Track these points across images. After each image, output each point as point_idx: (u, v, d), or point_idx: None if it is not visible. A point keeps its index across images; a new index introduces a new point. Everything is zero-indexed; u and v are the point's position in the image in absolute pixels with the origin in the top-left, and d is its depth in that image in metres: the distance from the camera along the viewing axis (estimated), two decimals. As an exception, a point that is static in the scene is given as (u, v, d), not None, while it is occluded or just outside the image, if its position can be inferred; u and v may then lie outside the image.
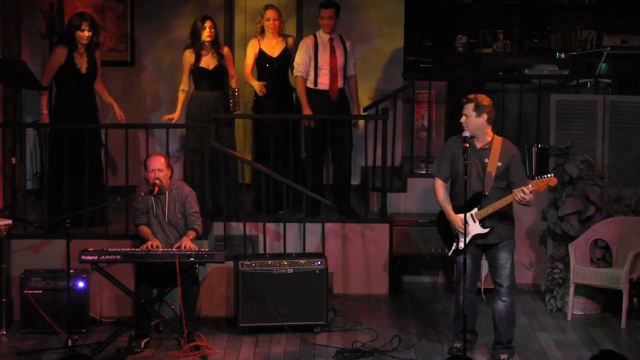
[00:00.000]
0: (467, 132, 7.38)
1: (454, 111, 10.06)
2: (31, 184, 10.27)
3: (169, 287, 7.95)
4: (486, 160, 7.44)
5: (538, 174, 8.67)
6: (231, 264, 8.42)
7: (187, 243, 8.01)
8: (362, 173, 10.34)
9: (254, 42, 9.69)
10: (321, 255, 8.54)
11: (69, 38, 8.97)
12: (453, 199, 7.57)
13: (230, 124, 9.53)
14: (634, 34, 11.40)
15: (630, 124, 9.18)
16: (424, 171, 9.74)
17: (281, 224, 9.06)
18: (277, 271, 8.32)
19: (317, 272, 8.35)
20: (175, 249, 7.98)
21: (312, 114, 9.41)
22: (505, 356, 7.62)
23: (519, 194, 7.32)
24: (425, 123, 10.24)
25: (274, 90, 9.63)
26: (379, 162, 9.55)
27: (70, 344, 7.71)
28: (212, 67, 9.35)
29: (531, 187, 7.33)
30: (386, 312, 8.91)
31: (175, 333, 7.98)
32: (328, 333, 8.29)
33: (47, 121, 9.02)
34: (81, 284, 8.33)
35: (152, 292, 8.07)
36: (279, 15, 9.61)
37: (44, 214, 9.03)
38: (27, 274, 8.38)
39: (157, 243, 8.00)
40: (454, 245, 7.54)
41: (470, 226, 7.43)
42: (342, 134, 9.56)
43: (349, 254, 9.27)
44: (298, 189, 9.03)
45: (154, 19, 10.67)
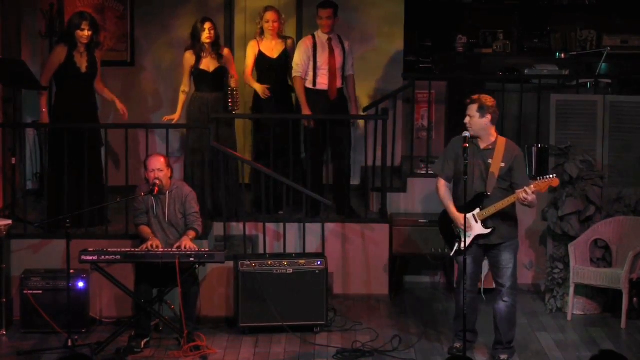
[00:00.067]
0: (467, 133, 7.37)
1: (454, 111, 10.10)
2: (31, 184, 10.26)
3: (169, 287, 7.95)
4: (489, 161, 7.43)
5: (538, 174, 8.68)
6: (231, 264, 8.42)
7: (187, 243, 8.01)
8: (362, 173, 10.34)
9: (253, 43, 9.69)
10: (321, 255, 8.53)
11: (69, 37, 8.97)
12: (456, 200, 7.57)
13: (230, 124, 9.52)
14: (634, 34, 11.39)
15: (630, 124, 9.18)
16: (424, 171, 9.74)
17: (281, 224, 9.06)
18: (277, 271, 8.31)
19: (317, 272, 8.35)
20: (175, 249, 7.98)
21: (312, 114, 9.42)
22: (505, 356, 7.61)
23: (521, 194, 7.32)
24: (425, 123, 10.23)
25: (274, 91, 9.61)
26: (379, 162, 9.54)
27: (70, 344, 7.71)
28: (212, 70, 9.34)
29: (533, 188, 7.32)
30: (386, 312, 8.90)
31: (175, 333, 7.98)
32: (328, 333, 8.29)
33: (46, 120, 9.02)
34: (81, 284, 8.33)
35: (152, 292, 8.07)
36: (278, 17, 9.61)
37: (44, 214, 9.02)
38: (27, 274, 8.38)
39: (157, 243, 8.00)
40: (456, 246, 7.54)
41: (472, 227, 7.44)
42: (341, 134, 9.56)
43: (349, 254, 9.27)
44: (298, 189, 9.03)
45: (154, 19, 10.67)
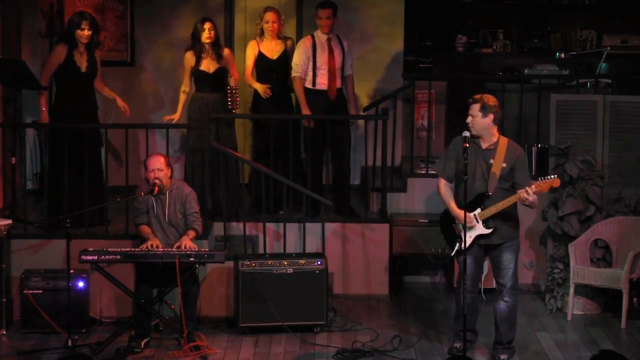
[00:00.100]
0: (467, 133, 7.37)
1: (454, 111, 10.10)
2: (31, 184, 10.25)
3: (169, 287, 7.94)
4: (491, 161, 7.42)
5: (538, 174, 8.67)
6: (231, 264, 8.42)
7: (187, 243, 8.01)
8: (362, 173, 10.34)
9: (253, 43, 9.68)
10: (321, 255, 8.53)
11: (69, 37, 8.97)
12: (457, 200, 7.55)
13: (231, 124, 9.52)
14: (634, 34, 11.39)
15: (630, 124, 9.18)
16: (424, 171, 9.74)
17: (281, 224, 9.06)
18: (277, 271, 8.31)
19: (317, 272, 8.34)
20: (175, 248, 7.98)
21: (311, 114, 9.41)
22: (505, 356, 7.61)
23: (522, 194, 7.31)
24: (425, 123, 10.23)
25: (273, 92, 9.61)
26: (379, 162, 9.54)
27: (70, 344, 7.71)
28: (213, 71, 9.34)
29: (534, 188, 7.32)
30: (386, 312, 8.90)
31: (175, 333, 7.98)
32: (328, 333, 8.29)
33: (46, 119, 9.01)
34: (81, 284, 8.33)
35: (152, 292, 8.07)
36: (278, 17, 9.60)
37: (44, 214, 9.02)
38: (27, 274, 8.38)
39: (157, 243, 8.00)
40: (457, 245, 7.53)
41: (473, 224, 7.42)
42: (341, 134, 9.55)
43: (349, 254, 9.27)
44: (298, 189, 9.03)
45: (154, 19, 10.66)
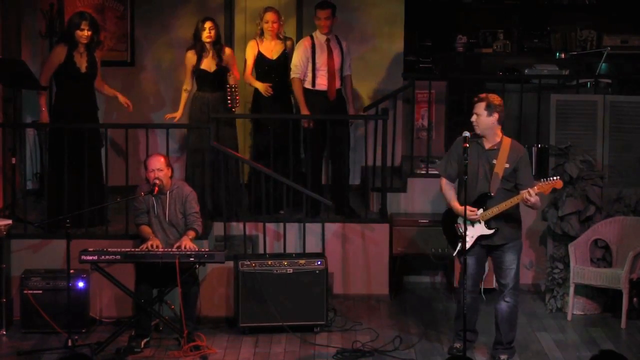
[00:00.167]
0: (467, 133, 7.35)
1: (454, 111, 10.10)
2: (31, 184, 10.25)
3: (169, 287, 7.94)
4: (494, 161, 7.41)
5: (538, 174, 8.67)
6: (231, 264, 8.42)
7: (186, 243, 8.01)
8: (362, 173, 10.34)
9: (252, 43, 9.67)
10: (321, 255, 8.53)
11: (68, 37, 8.96)
12: (459, 200, 7.53)
13: (232, 123, 9.52)
14: (634, 34, 11.39)
15: (630, 124, 9.18)
16: (424, 171, 9.73)
17: (281, 224, 9.06)
18: (277, 271, 8.31)
19: (317, 272, 8.34)
20: (175, 249, 7.98)
21: (310, 114, 9.41)
22: (505, 356, 7.61)
23: (525, 195, 7.31)
24: (425, 123, 10.23)
25: (274, 92, 9.61)
26: (379, 162, 9.54)
27: (70, 344, 7.71)
28: (213, 70, 9.34)
29: (536, 189, 7.31)
30: (386, 312, 8.90)
31: (175, 333, 7.98)
32: (328, 333, 8.29)
33: (46, 119, 9.01)
34: (81, 284, 8.33)
35: (152, 292, 8.07)
36: (278, 17, 9.59)
37: (44, 214, 9.02)
38: (27, 274, 8.38)
39: (157, 243, 8.00)
40: (459, 245, 7.51)
41: (475, 227, 7.42)
42: (340, 134, 9.55)
43: (349, 254, 9.27)
44: (298, 189, 9.03)
45: (154, 19, 10.66)
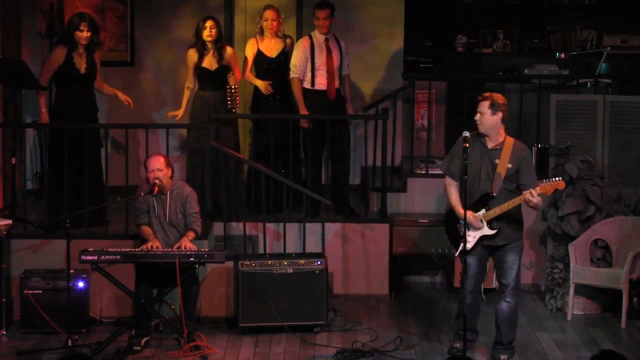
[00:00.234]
0: (467, 133, 7.34)
1: (454, 111, 10.10)
2: (31, 184, 10.25)
3: (169, 287, 7.94)
4: (496, 161, 7.40)
5: (538, 174, 8.66)
6: (231, 264, 8.42)
7: (186, 244, 8.01)
8: (362, 173, 10.34)
9: (252, 42, 9.68)
10: (321, 255, 8.53)
11: (68, 38, 8.96)
12: (462, 199, 7.52)
13: (233, 123, 9.51)
14: (634, 34, 11.39)
15: (630, 124, 9.18)
16: (424, 171, 9.73)
17: (281, 224, 9.06)
18: (277, 271, 8.31)
19: (317, 272, 8.34)
20: (175, 249, 7.97)
21: (309, 114, 9.41)
22: (505, 357, 7.60)
23: (527, 196, 7.30)
24: (425, 123, 10.23)
25: (273, 90, 9.61)
26: (379, 162, 9.54)
27: (70, 344, 7.71)
28: (214, 68, 9.34)
29: (539, 190, 7.30)
30: (386, 312, 8.90)
31: (175, 333, 7.98)
32: (328, 333, 8.29)
33: (46, 120, 9.01)
34: (81, 284, 8.33)
35: (152, 292, 8.07)
36: (277, 15, 9.59)
37: (44, 214, 9.02)
38: (27, 274, 8.38)
39: (156, 244, 7.99)
40: (461, 246, 7.51)
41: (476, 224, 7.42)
42: (340, 134, 9.55)
43: (349, 254, 9.27)
44: (298, 189, 9.03)
45: (154, 19, 10.65)
